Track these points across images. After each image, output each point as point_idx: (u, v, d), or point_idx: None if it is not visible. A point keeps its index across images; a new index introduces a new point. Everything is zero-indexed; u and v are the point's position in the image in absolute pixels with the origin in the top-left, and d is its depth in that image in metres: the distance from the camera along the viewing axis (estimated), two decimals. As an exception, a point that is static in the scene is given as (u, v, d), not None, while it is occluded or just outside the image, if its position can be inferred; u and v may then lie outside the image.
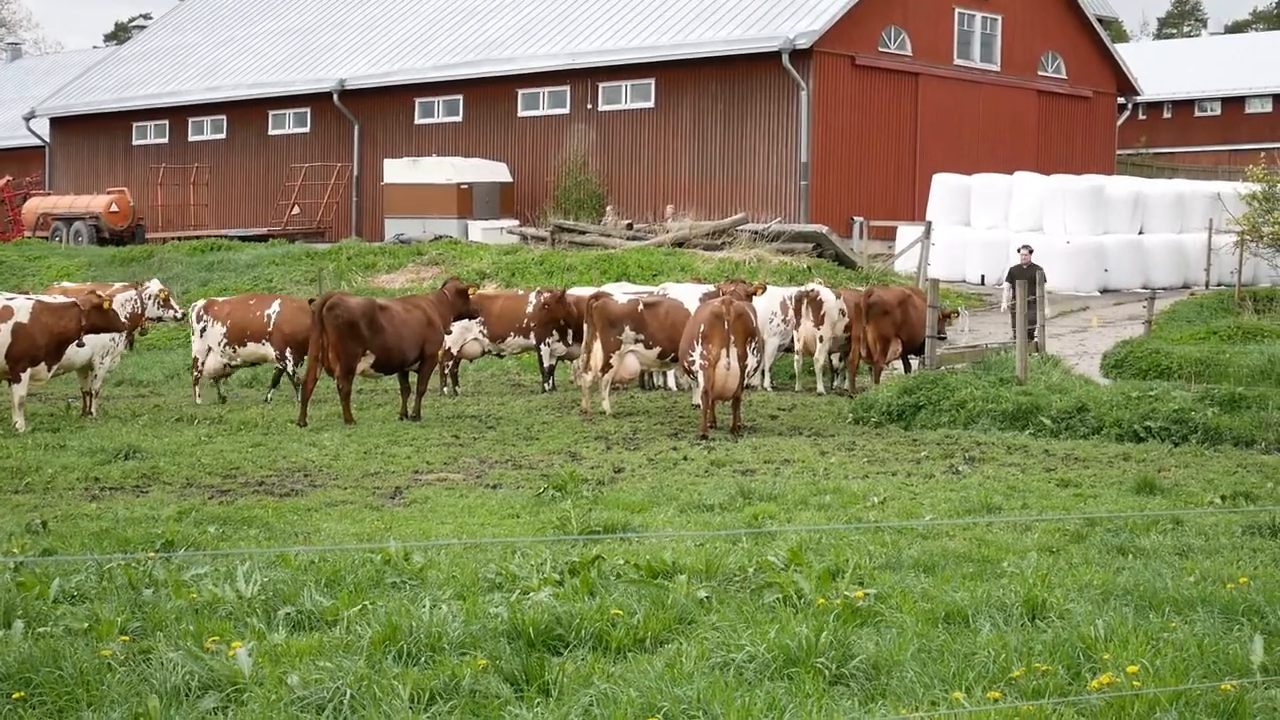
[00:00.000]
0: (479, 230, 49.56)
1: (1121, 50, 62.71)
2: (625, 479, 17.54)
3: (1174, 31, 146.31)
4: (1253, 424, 20.84)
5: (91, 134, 67.37)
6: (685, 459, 19.34)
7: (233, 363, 27.43)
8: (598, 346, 24.50)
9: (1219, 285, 41.93)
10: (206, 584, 10.30)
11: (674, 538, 12.66)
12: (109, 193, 59.31)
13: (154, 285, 28.45)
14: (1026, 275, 29.09)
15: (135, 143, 65.87)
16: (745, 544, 12.19)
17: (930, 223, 40.13)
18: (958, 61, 51.70)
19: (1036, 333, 27.11)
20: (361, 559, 11.17)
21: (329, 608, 9.84)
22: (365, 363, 23.75)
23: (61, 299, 23.34)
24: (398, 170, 53.05)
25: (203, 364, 27.23)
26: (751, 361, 22.55)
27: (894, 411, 23.35)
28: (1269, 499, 15.32)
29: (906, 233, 42.66)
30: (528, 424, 23.24)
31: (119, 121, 66.06)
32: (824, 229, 42.76)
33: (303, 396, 23.56)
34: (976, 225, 43.50)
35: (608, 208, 49.49)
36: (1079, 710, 7.94)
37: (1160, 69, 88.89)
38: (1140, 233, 43.27)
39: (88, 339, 23.31)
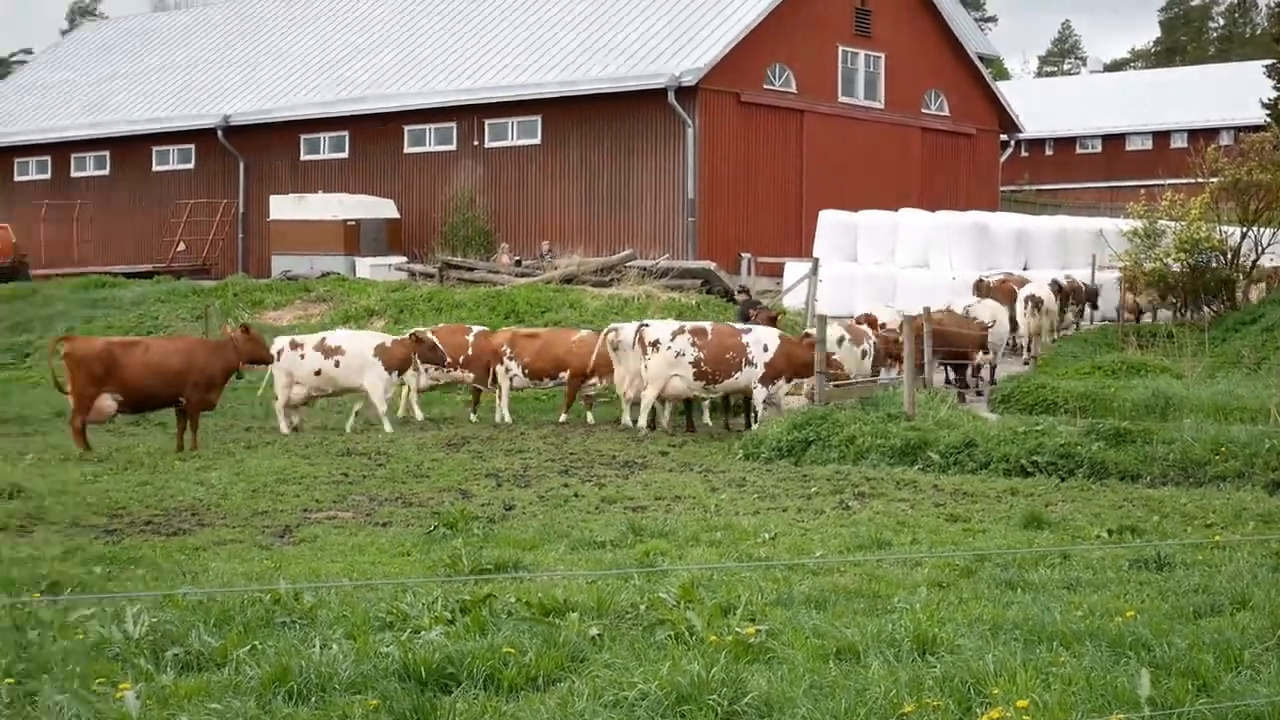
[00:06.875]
0: (367, 267, 49.39)
1: (1004, 88, 63.44)
2: (516, 516, 17.48)
3: (1055, 70, 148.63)
4: (1138, 458, 21.02)
5: (-30, 170, 66.55)
6: (576, 495, 19.29)
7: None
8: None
9: (1103, 320, 42.40)
10: (93, 625, 10.19)
11: (566, 575, 12.63)
12: (-10, 229, 58.52)
13: None
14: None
15: (17, 179, 65.17)
16: (637, 581, 12.18)
17: (818, 259, 40.29)
18: (842, 99, 52.09)
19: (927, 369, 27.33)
20: (251, 599, 11.07)
21: (218, 648, 9.75)
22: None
23: None
24: (284, 206, 52.76)
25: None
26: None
27: (784, 447, 23.40)
28: (1155, 533, 15.48)
29: (794, 269, 42.81)
30: (418, 461, 23.11)
31: (-1, 157, 65.39)
32: (712, 265, 42.86)
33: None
34: (864, 261, 43.81)
35: (503, 245, 49.43)
36: (971, 745, 7.98)
37: (1042, 107, 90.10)
38: (1025, 268, 43.67)
39: None
